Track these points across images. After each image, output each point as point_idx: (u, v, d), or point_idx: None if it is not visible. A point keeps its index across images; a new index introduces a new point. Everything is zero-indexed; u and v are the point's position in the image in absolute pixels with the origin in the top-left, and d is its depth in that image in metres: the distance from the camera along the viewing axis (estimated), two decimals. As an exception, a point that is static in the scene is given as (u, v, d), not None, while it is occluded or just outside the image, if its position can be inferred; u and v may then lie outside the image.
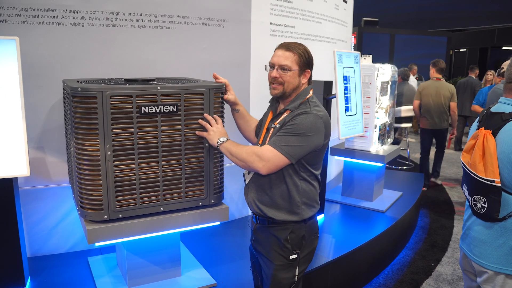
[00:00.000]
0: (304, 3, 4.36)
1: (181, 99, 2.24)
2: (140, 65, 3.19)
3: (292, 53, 2.00)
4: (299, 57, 2.01)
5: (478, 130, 1.95)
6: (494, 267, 1.91)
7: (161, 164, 2.26)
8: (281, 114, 2.08)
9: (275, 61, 2.03)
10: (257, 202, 2.09)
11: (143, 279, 2.63)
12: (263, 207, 2.07)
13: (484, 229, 1.96)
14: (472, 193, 1.97)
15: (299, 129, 1.94)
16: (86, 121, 2.08)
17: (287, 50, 2.01)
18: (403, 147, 8.12)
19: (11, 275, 2.54)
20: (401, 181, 5.49)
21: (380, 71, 4.23)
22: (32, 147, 2.91)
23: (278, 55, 2.03)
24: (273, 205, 2.05)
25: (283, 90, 2.03)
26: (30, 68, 2.78)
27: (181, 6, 3.31)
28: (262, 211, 2.07)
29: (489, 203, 1.88)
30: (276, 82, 2.03)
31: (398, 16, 19.44)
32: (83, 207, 2.18)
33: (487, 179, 1.85)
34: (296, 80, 2.03)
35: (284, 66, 2.00)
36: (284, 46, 2.03)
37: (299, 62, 2.01)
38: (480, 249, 1.97)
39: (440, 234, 4.75)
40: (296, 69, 2.01)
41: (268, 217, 2.06)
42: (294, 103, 2.05)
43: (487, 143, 1.86)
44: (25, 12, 2.75)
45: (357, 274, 3.50)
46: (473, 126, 2.10)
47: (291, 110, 2.03)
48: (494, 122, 1.91)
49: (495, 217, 1.87)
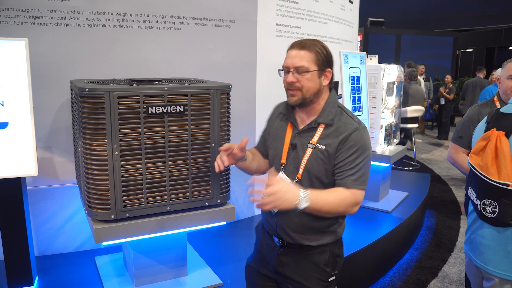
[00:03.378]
0: (310, 4, 4.37)
1: (188, 100, 2.26)
2: (147, 65, 3.21)
3: (308, 52, 1.71)
4: (317, 55, 1.71)
5: (490, 131, 1.86)
6: (502, 274, 1.84)
7: (168, 164, 2.27)
8: (314, 128, 1.78)
9: (289, 64, 1.73)
10: (290, 232, 1.82)
11: (150, 279, 2.64)
12: (297, 236, 1.82)
13: (492, 235, 1.87)
14: (481, 196, 1.88)
15: (362, 151, 1.72)
16: (93, 121, 2.09)
17: (301, 48, 1.72)
18: (409, 147, 8.09)
19: (19, 274, 2.56)
20: (407, 182, 5.48)
21: (386, 72, 4.22)
22: (40, 147, 2.93)
23: (292, 56, 1.73)
24: (310, 231, 1.81)
25: (302, 96, 1.73)
26: (39, 69, 2.81)
27: (187, 7, 3.32)
28: (295, 240, 1.82)
29: (501, 208, 1.79)
30: (294, 87, 1.73)
31: (404, 16, 19.37)
32: (91, 207, 2.20)
33: (500, 182, 1.77)
34: (316, 83, 1.73)
35: (300, 68, 1.70)
36: (297, 44, 1.74)
37: (317, 61, 1.71)
38: (487, 255, 1.89)
39: (447, 235, 4.74)
40: (315, 69, 1.71)
41: (302, 245, 1.83)
42: (326, 114, 1.77)
43: (501, 145, 1.78)
44: (33, 13, 2.78)
45: (363, 274, 3.50)
46: (480, 127, 2.02)
47: (327, 123, 1.76)
48: (507, 123, 1.83)
49: (507, 222, 1.79)
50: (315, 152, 1.75)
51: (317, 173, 1.75)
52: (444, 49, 13.94)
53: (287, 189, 1.59)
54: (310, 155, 1.76)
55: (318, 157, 1.74)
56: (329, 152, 1.73)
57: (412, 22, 18.80)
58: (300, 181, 1.78)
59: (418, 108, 7.48)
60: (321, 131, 1.76)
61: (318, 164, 1.75)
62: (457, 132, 2.67)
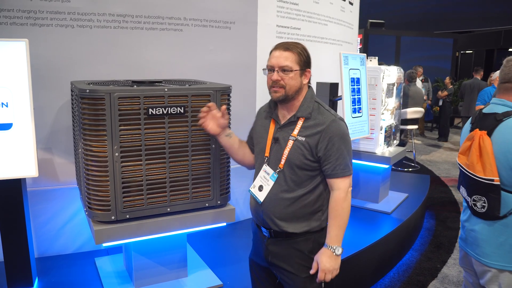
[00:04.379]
0: (311, 5, 4.37)
1: (188, 101, 2.26)
2: (148, 67, 3.22)
3: (291, 53, 1.86)
4: (299, 56, 1.88)
5: (473, 132, 1.99)
6: (498, 265, 1.95)
7: (168, 165, 2.28)
8: (294, 122, 1.93)
9: (274, 63, 1.87)
10: (276, 220, 1.93)
11: (150, 280, 2.64)
12: (282, 223, 1.92)
13: (484, 229, 1.99)
14: (471, 193, 2.01)
15: (344, 140, 1.88)
16: (94, 122, 2.10)
17: (285, 50, 1.87)
18: (409, 149, 8.10)
19: (19, 275, 2.56)
20: (407, 183, 5.48)
21: (386, 73, 4.23)
22: (40, 148, 2.93)
23: (276, 56, 1.87)
24: (294, 218, 1.92)
25: (285, 93, 1.88)
26: (39, 70, 2.81)
27: (188, 8, 3.33)
28: (281, 228, 1.93)
29: (489, 202, 1.92)
30: (278, 85, 1.87)
31: (404, 18, 19.38)
32: (91, 208, 2.20)
33: (486, 178, 1.89)
34: (298, 82, 1.89)
35: (285, 67, 1.85)
36: (281, 46, 1.89)
37: (299, 61, 1.88)
38: (482, 249, 2.01)
39: (446, 236, 4.74)
40: (298, 69, 1.87)
41: (287, 233, 1.93)
42: (304, 108, 1.92)
43: (483, 143, 1.91)
44: (34, 14, 2.78)
45: (363, 275, 3.50)
46: (466, 128, 2.14)
47: (305, 117, 1.90)
48: (488, 123, 1.96)
49: (496, 215, 1.91)
50: (296, 143, 1.90)
51: (298, 162, 1.89)
52: (443, 50, 13.95)
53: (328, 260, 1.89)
54: (291, 147, 1.90)
55: (299, 147, 1.89)
56: (309, 143, 1.88)
57: (412, 23, 18.82)
58: (282, 171, 1.92)
59: (418, 110, 7.48)
60: (301, 124, 1.91)
61: (299, 154, 1.89)
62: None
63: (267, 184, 1.96)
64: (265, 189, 1.96)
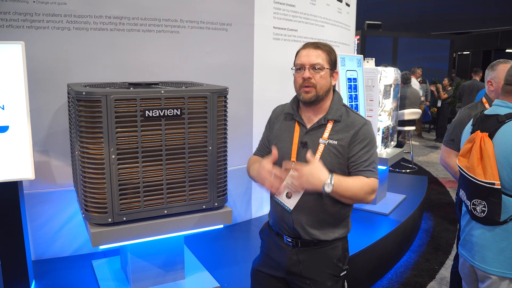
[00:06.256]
0: (307, 7, 4.38)
1: (185, 103, 2.26)
2: (144, 69, 3.21)
3: (322, 51, 1.80)
4: (329, 55, 1.82)
5: (474, 134, 1.94)
6: (498, 272, 1.88)
7: (165, 167, 2.27)
8: (323, 125, 1.84)
9: (304, 61, 1.79)
10: (308, 228, 1.85)
11: (147, 282, 2.63)
12: (314, 231, 1.85)
13: (485, 234, 1.92)
14: (471, 197, 1.95)
15: (374, 144, 1.84)
16: (90, 125, 2.09)
17: (316, 48, 1.81)
18: (407, 150, 8.11)
19: (16, 278, 2.55)
20: (405, 184, 5.49)
21: (383, 74, 4.24)
22: (37, 151, 2.93)
23: (306, 55, 1.80)
24: (325, 225, 1.86)
25: (316, 93, 1.79)
26: (35, 72, 2.80)
27: (184, 10, 3.33)
28: (312, 236, 1.85)
29: (490, 206, 1.86)
30: (309, 84, 1.78)
31: (401, 19, 19.44)
32: (88, 210, 2.20)
33: (486, 182, 1.83)
34: (328, 82, 1.82)
35: (316, 64, 1.77)
36: (311, 44, 1.83)
37: (329, 60, 1.81)
38: (482, 254, 1.94)
39: (444, 237, 4.74)
40: (328, 68, 1.81)
41: (318, 241, 1.87)
42: (335, 111, 1.85)
43: (485, 145, 1.85)
44: (30, 17, 2.78)
45: (361, 277, 3.50)
46: (467, 130, 2.08)
47: (335, 120, 1.83)
48: (490, 125, 1.90)
49: (496, 220, 1.85)
50: (328, 147, 1.81)
51: (330, 167, 1.79)
52: (441, 51, 13.99)
53: (315, 171, 1.70)
54: (323, 151, 1.81)
55: (331, 151, 1.81)
56: (342, 146, 1.81)
57: (409, 25, 18.88)
58: None
59: (415, 111, 7.49)
60: (331, 128, 1.84)
61: (332, 158, 1.81)
62: (449, 135, 2.69)
63: (296, 191, 1.84)
64: (294, 196, 1.85)
